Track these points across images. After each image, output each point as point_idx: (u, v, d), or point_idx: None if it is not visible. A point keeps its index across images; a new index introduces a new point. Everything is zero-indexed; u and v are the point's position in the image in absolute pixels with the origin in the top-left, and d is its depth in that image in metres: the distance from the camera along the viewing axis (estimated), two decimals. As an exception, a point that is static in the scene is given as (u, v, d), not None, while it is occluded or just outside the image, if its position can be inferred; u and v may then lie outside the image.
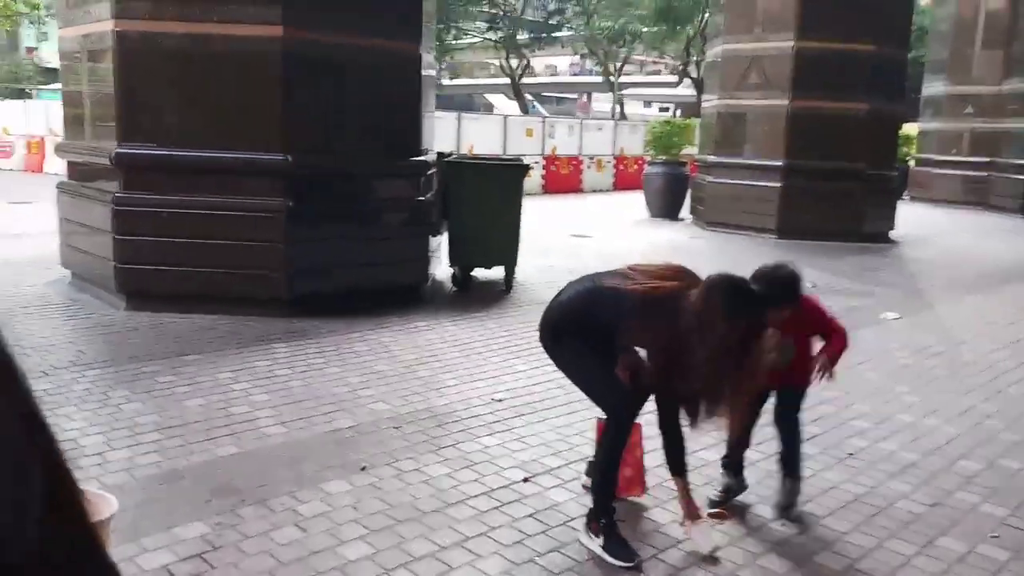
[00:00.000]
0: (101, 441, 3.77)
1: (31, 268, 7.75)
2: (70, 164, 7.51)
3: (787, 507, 3.38)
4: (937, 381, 5.35)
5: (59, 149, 7.91)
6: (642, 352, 3.07)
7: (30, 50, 44.68)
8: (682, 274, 2.99)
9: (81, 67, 6.92)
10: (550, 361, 5.04)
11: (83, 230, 6.83)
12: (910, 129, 20.70)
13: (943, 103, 19.86)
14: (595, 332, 3.05)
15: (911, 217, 14.70)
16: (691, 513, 3.09)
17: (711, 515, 3.27)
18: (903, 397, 4.98)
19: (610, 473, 3.08)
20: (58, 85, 8.53)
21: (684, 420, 3.01)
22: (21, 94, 35.21)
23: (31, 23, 38.67)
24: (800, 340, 3.36)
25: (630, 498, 3.40)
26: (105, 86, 6.41)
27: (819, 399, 4.83)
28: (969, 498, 3.59)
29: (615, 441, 3.04)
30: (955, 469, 3.91)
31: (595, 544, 2.99)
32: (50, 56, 36.77)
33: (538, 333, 3.18)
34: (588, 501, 3.17)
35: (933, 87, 20.35)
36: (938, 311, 7.64)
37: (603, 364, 3.06)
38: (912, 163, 20.87)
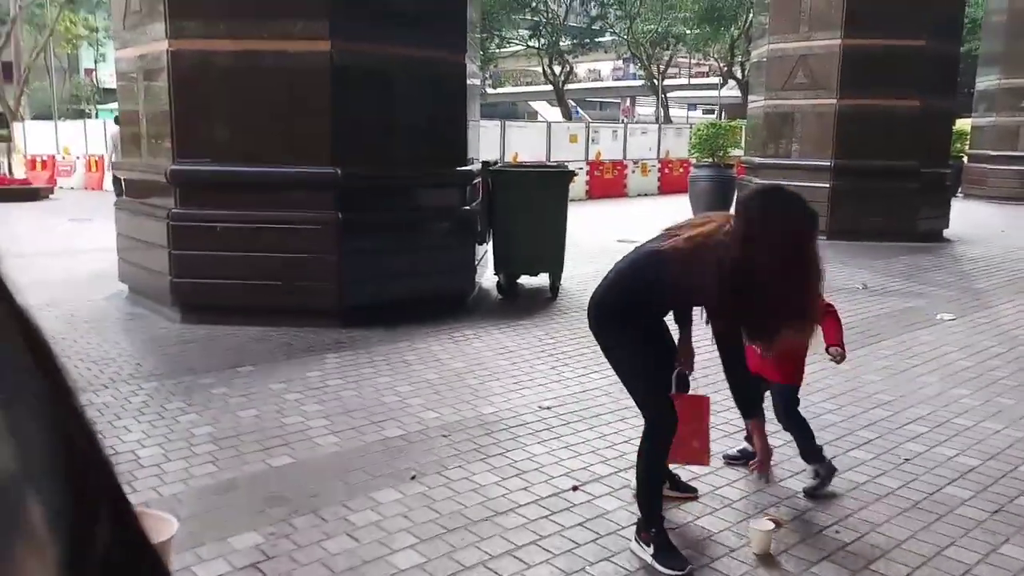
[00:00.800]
0: (159, 452, 3.88)
1: (90, 283, 8.00)
2: (127, 182, 7.73)
3: (815, 489, 3.54)
4: (997, 384, 5.20)
5: (116, 167, 8.14)
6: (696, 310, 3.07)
7: (88, 71, 46.12)
8: (713, 217, 3.02)
9: (137, 87, 7.13)
10: (598, 368, 5.04)
11: (140, 245, 7.03)
12: (963, 124, 20.17)
13: (997, 97, 19.31)
14: (642, 305, 3.08)
15: (965, 215, 14.31)
16: (765, 452, 3.04)
17: (769, 519, 3.23)
18: (962, 400, 4.86)
19: (652, 483, 3.08)
20: (115, 104, 8.80)
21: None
22: (81, 114, 36.38)
23: (90, 45, 40.00)
24: None
25: (692, 465, 3.54)
26: (160, 104, 6.60)
27: (873, 403, 4.75)
28: (1033, 505, 3.49)
29: (654, 450, 3.04)
30: (1017, 475, 3.80)
31: (646, 554, 2.98)
32: (108, 77, 37.94)
33: (587, 318, 3.21)
34: (638, 509, 3.17)
35: (987, 81, 19.81)
36: (996, 311, 7.43)
37: (648, 365, 3.08)
38: (966, 159, 20.32)
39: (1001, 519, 3.36)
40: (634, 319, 3.10)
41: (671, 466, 3.41)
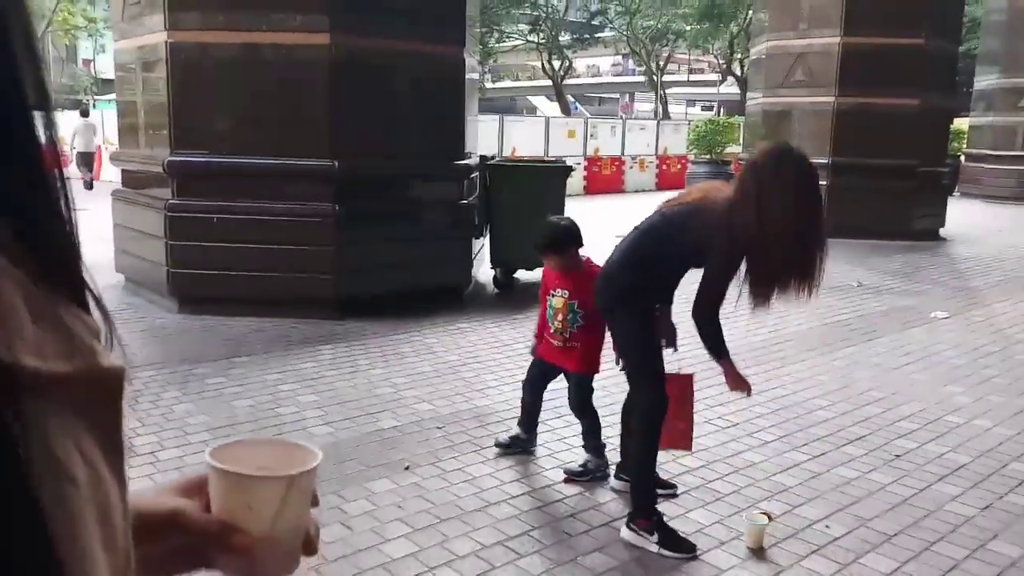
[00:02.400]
0: (154, 441, 3.89)
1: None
2: (124, 172, 7.74)
3: (575, 475, 3.61)
4: (990, 382, 5.23)
5: (114, 158, 8.14)
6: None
7: (87, 62, 46.00)
8: (706, 186, 3.22)
9: (135, 78, 7.13)
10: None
11: (137, 236, 7.04)
12: (961, 123, 20.19)
13: (996, 96, 19.33)
14: (653, 278, 3.15)
15: (962, 214, 14.35)
16: (745, 383, 3.13)
17: (762, 513, 3.26)
18: (954, 398, 4.89)
19: (651, 467, 3.12)
20: (113, 96, 8.80)
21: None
22: (78, 105, 36.27)
23: (89, 36, 39.89)
24: (590, 318, 3.51)
25: (676, 452, 3.57)
26: (158, 96, 6.60)
27: (865, 400, 4.78)
28: (1021, 501, 3.52)
29: (652, 431, 3.09)
30: (1007, 472, 3.83)
31: (650, 543, 3.01)
32: (106, 67, 37.85)
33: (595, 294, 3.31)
34: (632, 497, 3.21)
35: (986, 80, 19.82)
36: (990, 310, 7.46)
37: (654, 347, 3.14)
38: (963, 158, 20.35)
39: (990, 516, 3.39)
40: (644, 297, 3.16)
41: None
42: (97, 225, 9.79)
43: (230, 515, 0.62)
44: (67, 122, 17.53)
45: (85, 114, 18.27)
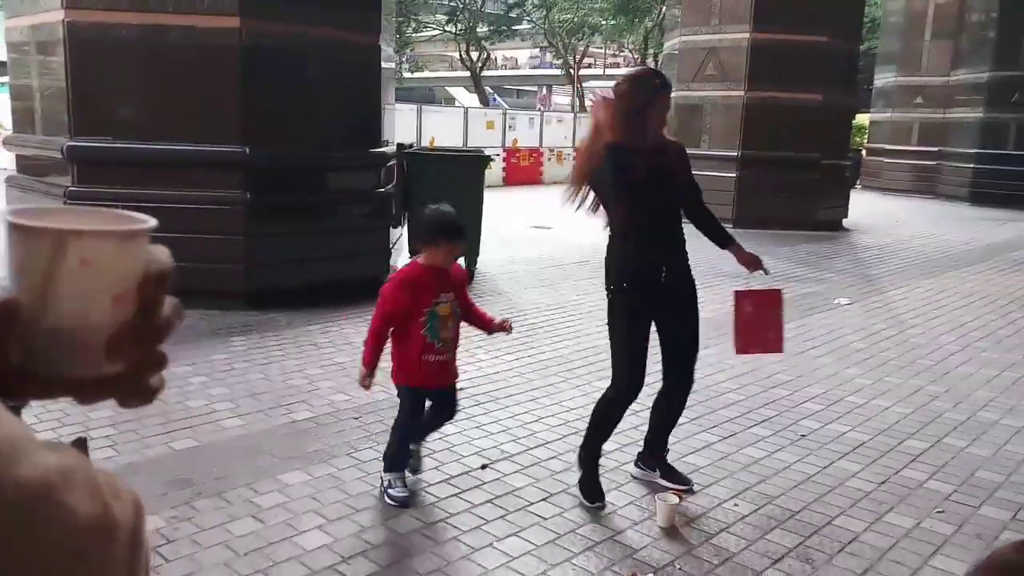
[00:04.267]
0: (52, 436, 3.72)
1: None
2: (19, 157, 7.35)
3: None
4: (887, 364, 5.49)
5: (7, 142, 7.72)
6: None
7: (-23, 42, 43.40)
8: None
9: (30, 59, 6.77)
10: (510, 350, 5.12)
11: (34, 225, 6.69)
12: (863, 119, 21.07)
13: (894, 94, 20.25)
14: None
15: (864, 205, 14.99)
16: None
17: (674, 493, 3.33)
18: (855, 380, 5.11)
19: (601, 429, 3.36)
20: (6, 78, 8.35)
21: None
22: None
23: (-23, 15, 37.56)
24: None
25: (769, 354, 3.63)
26: (56, 79, 6.29)
27: (773, 383, 4.95)
28: (916, 475, 3.71)
29: (610, 409, 3.31)
30: (903, 448, 4.03)
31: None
32: (-2, 49, 35.80)
33: None
34: (549, 486, 3.29)
35: (884, 78, 20.74)
36: (890, 296, 7.82)
37: (634, 338, 3.23)
38: (864, 152, 21.25)
39: (887, 490, 3.55)
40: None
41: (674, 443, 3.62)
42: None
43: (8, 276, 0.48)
44: None
45: None
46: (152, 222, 0.52)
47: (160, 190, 6.07)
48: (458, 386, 3.43)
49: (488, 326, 3.34)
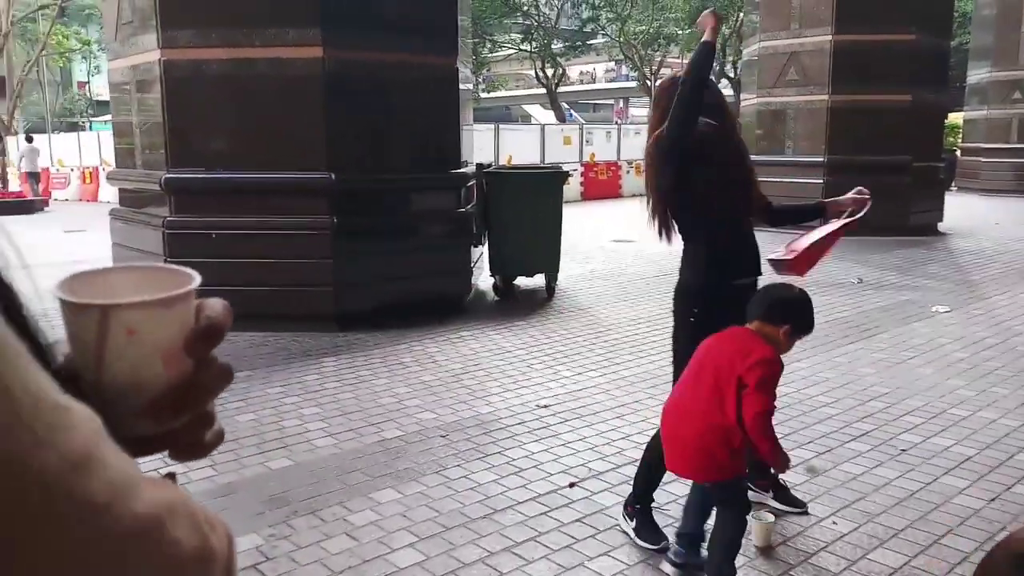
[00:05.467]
0: (156, 457, 3.87)
1: (88, 293, 7.98)
2: (122, 191, 7.75)
3: None
4: (993, 374, 5.22)
5: (111, 177, 8.16)
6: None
7: (82, 84, 46.16)
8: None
9: (130, 97, 7.15)
10: (594, 367, 5.09)
11: (135, 254, 7.04)
12: (956, 118, 20.22)
13: (989, 90, 19.38)
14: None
15: (960, 208, 14.36)
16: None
17: (769, 512, 3.24)
18: (957, 391, 4.88)
19: (652, 464, 3.12)
20: (109, 116, 8.82)
21: None
22: (74, 127, 36.41)
23: (83, 58, 40.05)
24: None
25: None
26: (153, 114, 6.62)
27: (869, 395, 4.77)
28: (1029, 492, 3.51)
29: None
30: (1013, 463, 3.82)
31: (628, 527, 3.10)
32: (101, 89, 38.01)
33: None
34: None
35: (978, 74, 19.89)
36: (990, 303, 7.45)
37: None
38: (959, 153, 20.39)
39: (997, 507, 3.37)
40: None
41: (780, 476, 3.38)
42: (96, 245, 9.82)
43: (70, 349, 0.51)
44: (16, 147, 21.18)
45: (30, 140, 21.20)
46: (196, 282, 0.53)
47: (252, 217, 6.30)
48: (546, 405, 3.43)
49: None
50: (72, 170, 21.95)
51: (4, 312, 0.38)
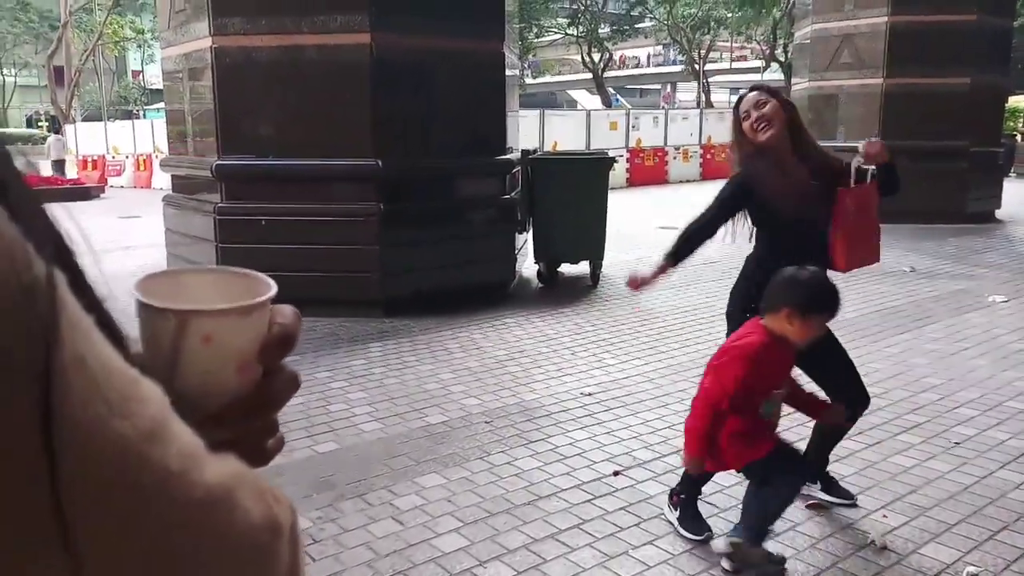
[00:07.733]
0: (210, 439, 3.97)
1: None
2: (174, 178, 7.91)
3: None
4: (1052, 366, 5.07)
5: (164, 164, 8.33)
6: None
7: (136, 73, 47.15)
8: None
9: (183, 85, 7.27)
10: (639, 355, 5.06)
11: (187, 240, 7.19)
12: (1017, 101, 19.55)
13: (1054, 72, 18.71)
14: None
15: (1019, 195, 13.91)
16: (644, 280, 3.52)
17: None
18: (1014, 383, 4.74)
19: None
20: (162, 104, 9.00)
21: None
22: (129, 115, 37.24)
23: (137, 47, 40.89)
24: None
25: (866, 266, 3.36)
26: (205, 102, 6.73)
27: (921, 387, 4.67)
28: (1089, 488, 3.40)
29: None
30: (1073, 458, 3.71)
31: (672, 516, 3.10)
32: (154, 77, 38.80)
33: None
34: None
35: (1043, 56, 19.21)
36: (1053, 293, 7.22)
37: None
38: (1019, 138, 19.73)
39: (1056, 503, 3.28)
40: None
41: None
42: (149, 230, 10.04)
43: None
44: (73, 135, 23.78)
45: (57, 130, 23.36)
46: (272, 291, 0.53)
47: (300, 203, 6.38)
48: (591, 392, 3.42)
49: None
50: (127, 157, 22.44)
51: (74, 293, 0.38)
